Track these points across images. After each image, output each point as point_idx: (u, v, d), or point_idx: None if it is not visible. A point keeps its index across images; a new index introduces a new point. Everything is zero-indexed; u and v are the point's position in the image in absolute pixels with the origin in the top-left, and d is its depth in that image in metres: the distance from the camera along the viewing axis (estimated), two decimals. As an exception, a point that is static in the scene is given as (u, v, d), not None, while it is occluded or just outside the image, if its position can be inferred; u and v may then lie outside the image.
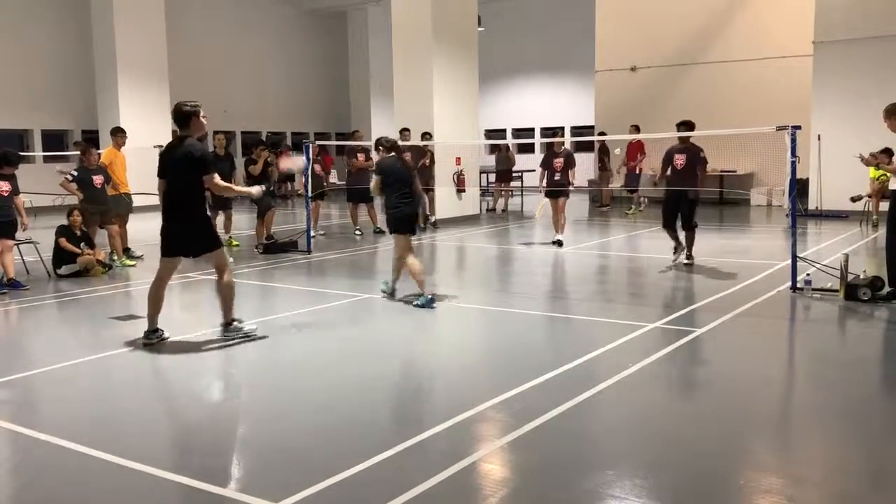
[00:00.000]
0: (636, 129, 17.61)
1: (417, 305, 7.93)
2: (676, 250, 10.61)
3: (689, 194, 10.21)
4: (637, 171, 18.09)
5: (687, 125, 10.39)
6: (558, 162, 12.52)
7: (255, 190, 7.56)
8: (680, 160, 10.18)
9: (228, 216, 13.01)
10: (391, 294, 8.43)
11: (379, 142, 8.42)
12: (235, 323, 6.81)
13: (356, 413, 5.12)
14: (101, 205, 10.97)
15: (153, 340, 6.67)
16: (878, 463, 4.22)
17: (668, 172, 10.39)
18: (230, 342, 6.68)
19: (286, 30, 28.32)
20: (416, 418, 4.92)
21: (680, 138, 10.36)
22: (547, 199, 13.06)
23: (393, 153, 8.30)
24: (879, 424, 4.78)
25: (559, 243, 12.46)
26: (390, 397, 5.46)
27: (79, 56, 21.95)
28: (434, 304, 7.98)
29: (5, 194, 9.34)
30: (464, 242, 13.92)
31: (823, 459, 4.28)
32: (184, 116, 6.67)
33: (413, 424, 4.73)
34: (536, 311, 7.99)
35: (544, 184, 12.70)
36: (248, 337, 6.78)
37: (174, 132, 6.93)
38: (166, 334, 6.76)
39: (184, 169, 6.54)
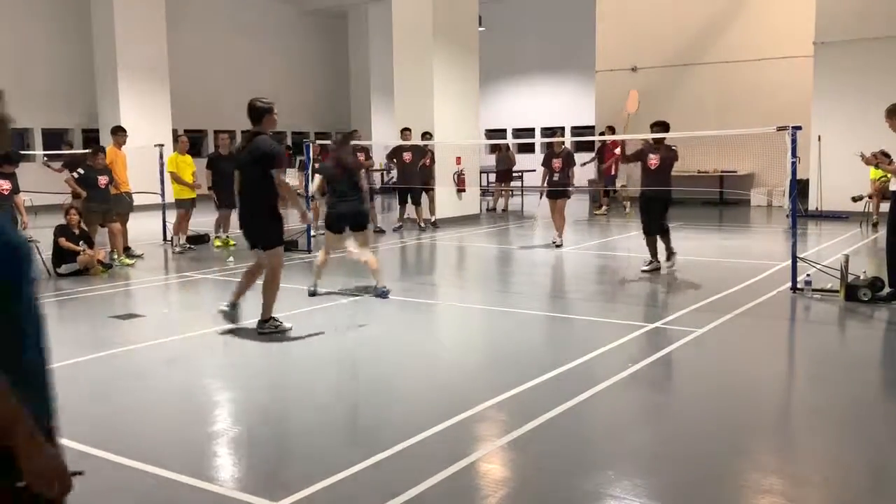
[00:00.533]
0: (611, 130, 17.66)
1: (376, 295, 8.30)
2: (669, 257, 10.07)
3: (662, 196, 9.84)
4: (613, 173, 18.10)
5: (662, 125, 10.13)
6: (557, 162, 12.41)
7: (302, 209, 7.50)
8: (654, 160, 9.90)
9: (226, 216, 13.00)
10: (313, 293, 8.55)
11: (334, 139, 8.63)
12: (272, 322, 6.95)
13: (356, 413, 5.12)
14: (103, 204, 11.04)
15: (266, 330, 6.90)
16: (877, 464, 4.22)
17: (642, 173, 10.18)
18: (262, 334, 6.87)
19: (287, 29, 28.32)
20: (416, 418, 4.92)
21: (655, 139, 10.10)
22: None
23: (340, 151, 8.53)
24: (879, 425, 4.78)
25: (558, 245, 12.36)
26: (390, 397, 5.46)
27: (79, 55, 21.94)
28: (386, 294, 8.24)
29: (5, 193, 9.37)
30: (464, 242, 13.92)
31: (823, 460, 4.28)
32: (258, 112, 6.86)
33: (412, 424, 4.72)
34: (536, 311, 7.99)
35: (545, 185, 12.61)
36: (280, 332, 6.93)
37: (248, 131, 7.03)
38: (284, 324, 6.98)
39: (253, 163, 6.70)
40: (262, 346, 6.84)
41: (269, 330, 6.92)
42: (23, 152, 18.34)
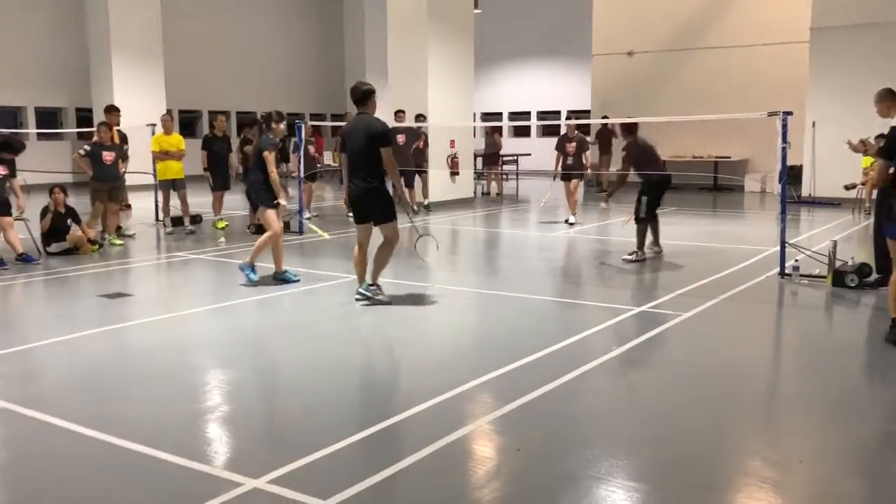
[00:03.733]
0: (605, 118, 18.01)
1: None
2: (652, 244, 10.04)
3: (642, 187, 9.76)
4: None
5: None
6: (571, 146, 13.01)
7: (401, 185, 7.89)
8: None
9: (219, 196, 12.96)
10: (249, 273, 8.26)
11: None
12: (375, 288, 7.31)
13: (340, 393, 5.14)
14: (110, 181, 11.01)
15: (367, 294, 7.29)
16: (859, 447, 4.25)
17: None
18: (360, 300, 7.27)
19: (281, 9, 28.15)
20: (400, 397, 4.95)
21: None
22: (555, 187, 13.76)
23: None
24: (863, 409, 4.82)
25: (572, 224, 13.03)
26: (375, 377, 5.49)
27: (72, 33, 21.81)
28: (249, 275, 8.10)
29: (2, 176, 9.40)
30: (456, 225, 13.93)
31: (805, 443, 4.32)
32: (362, 94, 7.22)
33: (396, 403, 4.76)
34: (525, 294, 8.01)
35: (559, 168, 13.24)
36: (376, 300, 7.24)
37: (352, 111, 7.33)
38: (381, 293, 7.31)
39: (367, 141, 7.05)
40: (250, 326, 6.86)
41: (369, 293, 7.26)
42: (16, 131, 18.28)
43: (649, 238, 9.87)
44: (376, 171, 7.12)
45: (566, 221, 13.30)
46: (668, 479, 3.79)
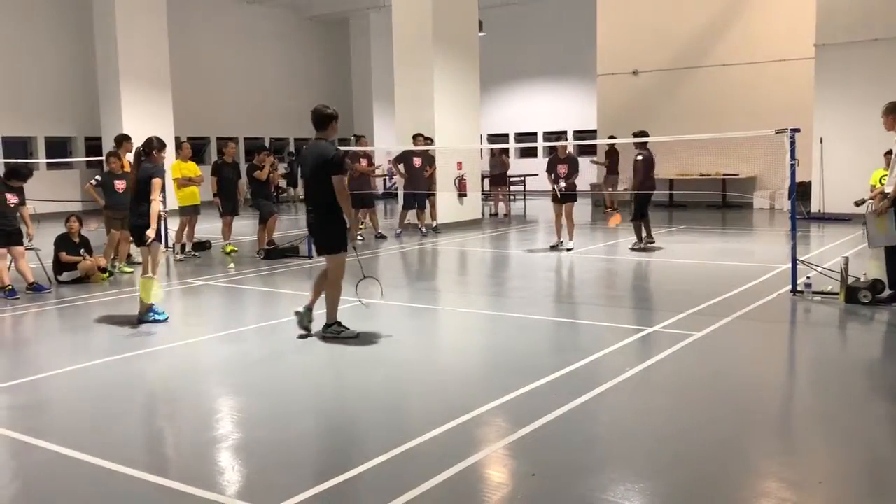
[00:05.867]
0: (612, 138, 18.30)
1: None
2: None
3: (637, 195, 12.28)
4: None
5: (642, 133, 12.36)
6: (562, 168, 12.43)
7: (351, 214, 7.35)
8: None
9: (229, 222, 13.02)
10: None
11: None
12: (334, 327, 6.95)
13: (354, 417, 5.12)
14: (122, 210, 11.03)
15: (329, 334, 6.95)
16: (876, 468, 4.20)
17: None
18: (328, 337, 6.91)
19: (288, 36, 28.40)
20: (414, 422, 4.92)
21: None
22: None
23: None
24: (879, 429, 4.77)
25: (568, 249, 12.43)
26: (388, 401, 5.46)
27: (81, 63, 22.03)
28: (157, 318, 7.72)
29: (12, 205, 9.46)
30: (465, 247, 13.92)
31: (822, 464, 4.27)
32: (325, 119, 6.97)
33: (410, 428, 4.72)
34: (536, 316, 7.99)
35: (556, 188, 12.44)
36: (343, 337, 6.90)
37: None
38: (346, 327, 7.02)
39: (317, 168, 6.81)
40: (260, 351, 6.85)
41: (331, 334, 6.93)
42: (26, 161, 18.43)
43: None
44: (325, 199, 6.82)
45: (552, 247, 12.64)
46: (685, 501, 3.74)
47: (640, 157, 12.18)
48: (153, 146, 8.01)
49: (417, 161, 14.92)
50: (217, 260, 12.38)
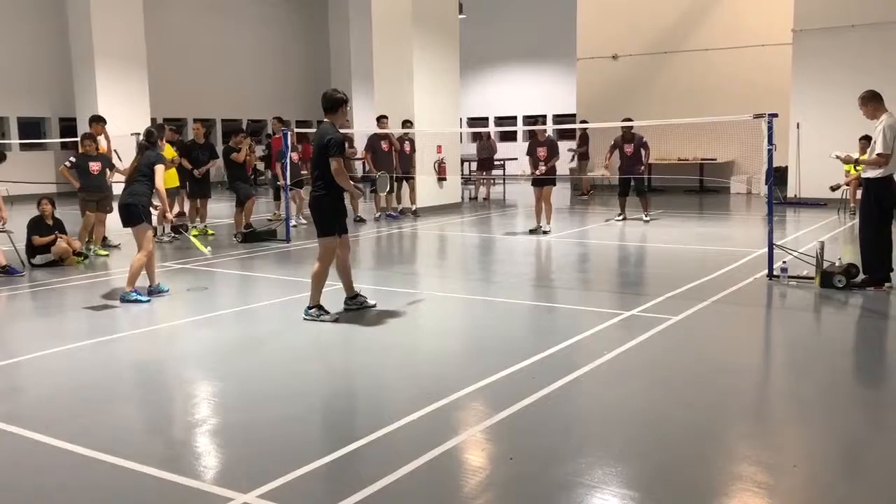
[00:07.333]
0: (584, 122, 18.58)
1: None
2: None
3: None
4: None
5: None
6: (542, 151, 12.54)
7: (357, 193, 8.11)
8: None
9: (203, 205, 12.90)
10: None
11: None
12: (314, 310, 7.05)
13: (332, 402, 5.10)
14: (97, 192, 10.93)
15: (352, 307, 7.35)
16: (850, 451, 4.25)
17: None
18: (307, 320, 7.01)
19: (266, 16, 28.07)
20: (391, 407, 4.90)
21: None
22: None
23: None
24: (852, 411, 4.83)
25: (545, 232, 12.54)
26: (367, 385, 5.45)
27: (55, 42, 21.65)
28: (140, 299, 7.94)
29: None
30: (444, 231, 13.90)
31: (796, 446, 4.32)
32: (334, 102, 7.07)
33: (389, 413, 4.71)
34: (514, 300, 8.00)
35: (537, 171, 12.55)
36: (321, 319, 7.00)
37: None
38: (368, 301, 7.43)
39: (317, 150, 6.96)
40: (236, 336, 6.80)
41: (311, 317, 7.02)
42: (-1, 141, 18.12)
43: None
44: (323, 180, 6.95)
45: (532, 231, 12.71)
46: (661, 485, 3.76)
47: (645, 140, 13.92)
48: (155, 136, 8.40)
49: (385, 145, 14.83)
50: (190, 244, 12.25)
